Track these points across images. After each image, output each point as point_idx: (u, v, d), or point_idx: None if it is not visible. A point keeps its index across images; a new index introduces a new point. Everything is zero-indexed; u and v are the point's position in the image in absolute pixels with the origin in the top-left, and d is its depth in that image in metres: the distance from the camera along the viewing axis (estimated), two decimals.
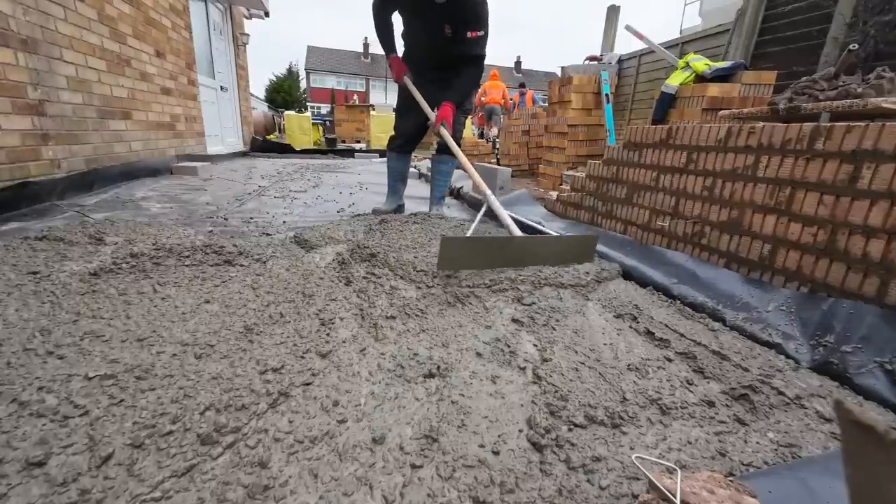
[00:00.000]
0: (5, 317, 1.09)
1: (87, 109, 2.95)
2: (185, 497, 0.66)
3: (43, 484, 0.65)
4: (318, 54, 38.21)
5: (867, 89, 1.89)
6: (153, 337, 1.07)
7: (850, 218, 1.24)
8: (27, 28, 2.36)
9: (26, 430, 0.74)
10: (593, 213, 2.40)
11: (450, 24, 2.32)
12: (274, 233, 2.21)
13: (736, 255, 1.59)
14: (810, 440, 0.87)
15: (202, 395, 0.87)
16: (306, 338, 1.13)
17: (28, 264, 1.44)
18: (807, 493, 0.68)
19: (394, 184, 2.89)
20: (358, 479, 0.72)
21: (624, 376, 1.07)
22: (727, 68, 3.41)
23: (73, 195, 2.73)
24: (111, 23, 3.25)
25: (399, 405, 0.91)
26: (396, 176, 2.87)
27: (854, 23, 4.00)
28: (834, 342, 1.16)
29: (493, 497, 0.70)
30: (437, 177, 2.87)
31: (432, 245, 2.04)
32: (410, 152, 2.87)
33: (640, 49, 6.73)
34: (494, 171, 3.24)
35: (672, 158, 1.86)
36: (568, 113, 4.01)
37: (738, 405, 0.98)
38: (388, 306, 1.35)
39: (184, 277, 1.46)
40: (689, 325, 1.38)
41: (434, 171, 2.91)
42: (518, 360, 1.11)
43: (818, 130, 1.33)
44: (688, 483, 0.61)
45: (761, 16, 4.98)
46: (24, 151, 2.37)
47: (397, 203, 2.92)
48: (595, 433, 0.86)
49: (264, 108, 17.37)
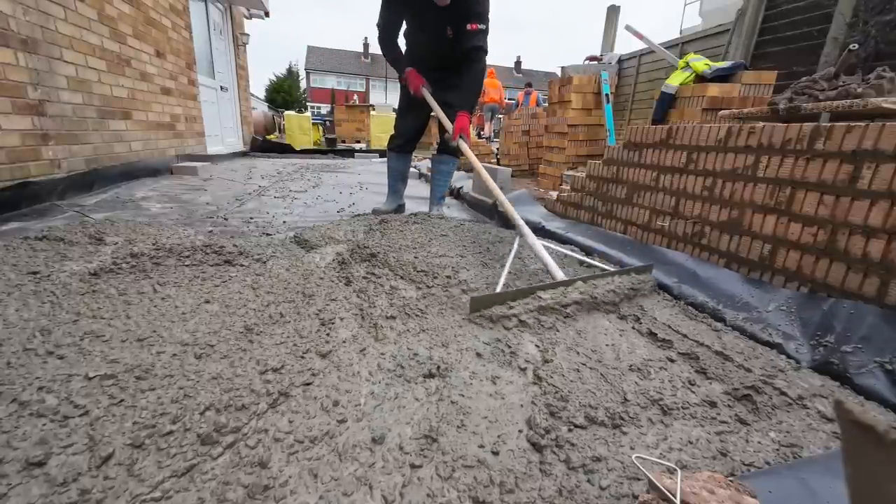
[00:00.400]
0: (5, 317, 1.09)
1: (87, 109, 2.95)
2: (186, 497, 0.66)
3: (43, 484, 0.65)
4: (318, 54, 38.21)
5: (867, 89, 1.89)
6: (153, 337, 1.07)
7: (850, 218, 1.24)
8: (27, 28, 2.36)
9: (26, 430, 0.74)
10: (593, 213, 2.40)
11: (452, 25, 2.31)
12: (274, 233, 2.21)
13: (736, 255, 1.59)
14: (812, 440, 0.87)
15: (202, 395, 0.87)
16: (306, 338, 1.13)
17: (28, 264, 1.44)
18: (807, 493, 0.68)
19: (394, 183, 2.89)
20: (358, 479, 0.72)
21: (625, 377, 1.07)
22: (727, 68, 3.41)
23: (74, 195, 2.73)
24: (111, 23, 3.25)
25: (399, 405, 0.91)
26: (397, 175, 2.86)
27: (854, 23, 4.00)
28: (834, 342, 1.16)
29: (492, 497, 0.70)
30: (437, 177, 2.86)
31: (432, 245, 2.04)
32: (411, 152, 2.86)
33: (640, 49, 6.73)
34: (494, 171, 3.23)
35: (672, 158, 1.86)
36: (568, 113, 4.01)
37: (741, 405, 0.98)
38: (388, 306, 1.35)
39: (184, 277, 1.46)
40: (693, 326, 1.38)
41: (434, 171, 2.89)
42: (519, 361, 1.11)
43: (818, 130, 1.33)
44: (688, 483, 0.61)
45: (761, 16, 4.98)
46: (25, 151, 2.37)
47: (397, 203, 2.92)
48: (595, 433, 0.86)
49: (264, 108, 17.37)
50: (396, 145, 2.78)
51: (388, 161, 2.86)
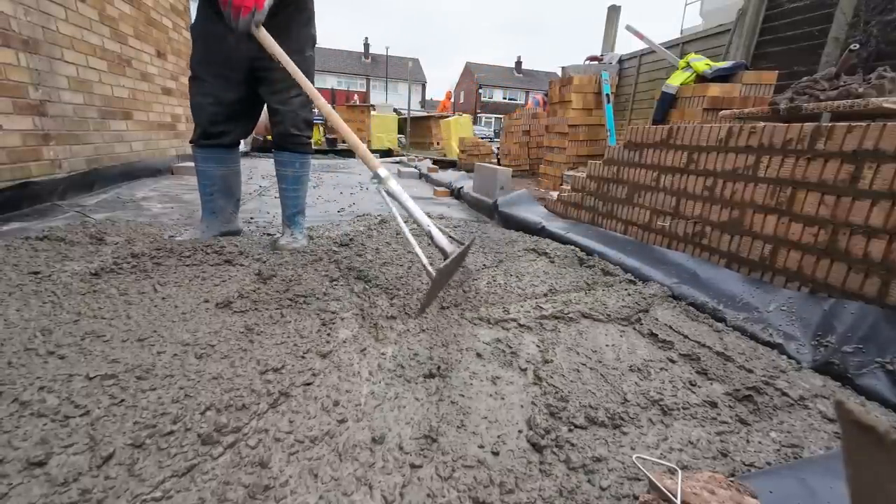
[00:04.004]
0: (6, 316, 1.09)
1: (88, 110, 2.95)
2: (186, 497, 0.66)
3: (44, 484, 0.65)
4: (319, 54, 37.86)
5: (868, 89, 1.89)
6: (154, 337, 1.07)
7: (851, 218, 1.24)
8: (28, 28, 2.36)
9: (27, 429, 0.74)
10: (594, 213, 2.40)
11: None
12: (274, 233, 2.21)
13: (737, 255, 1.58)
14: (813, 440, 0.87)
15: (203, 394, 0.87)
16: (307, 338, 1.13)
17: (29, 264, 1.44)
18: (807, 494, 0.68)
19: (208, 198, 1.87)
20: (358, 478, 0.72)
21: (626, 377, 1.07)
22: (728, 68, 3.40)
23: (74, 195, 2.73)
24: (112, 23, 3.26)
25: (399, 405, 0.91)
26: (208, 185, 1.85)
27: (856, 22, 4.00)
28: (835, 342, 1.16)
29: (492, 497, 0.70)
30: (282, 186, 1.94)
31: None
32: (232, 145, 1.87)
33: (640, 49, 6.72)
34: (495, 171, 3.22)
35: (673, 158, 1.86)
36: (568, 113, 4.01)
37: (742, 406, 0.97)
38: (388, 306, 1.35)
39: (184, 277, 1.47)
40: (694, 327, 1.37)
41: (277, 175, 1.94)
42: (520, 361, 1.11)
43: (819, 130, 1.33)
44: (688, 483, 0.61)
45: (762, 15, 4.97)
46: (25, 151, 2.37)
47: (221, 228, 1.92)
48: (595, 434, 0.86)
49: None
50: (198, 135, 1.79)
51: (195, 164, 1.87)
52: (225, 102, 1.74)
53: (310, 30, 1.80)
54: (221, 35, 1.60)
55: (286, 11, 1.65)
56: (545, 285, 1.63)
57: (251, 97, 1.79)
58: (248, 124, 1.90)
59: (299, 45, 1.72)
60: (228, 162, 1.87)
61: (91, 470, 0.68)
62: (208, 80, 1.71)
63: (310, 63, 1.80)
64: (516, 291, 1.56)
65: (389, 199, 1.42)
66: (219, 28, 1.57)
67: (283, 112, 1.78)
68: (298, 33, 1.73)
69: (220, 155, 1.83)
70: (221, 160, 1.84)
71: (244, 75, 1.72)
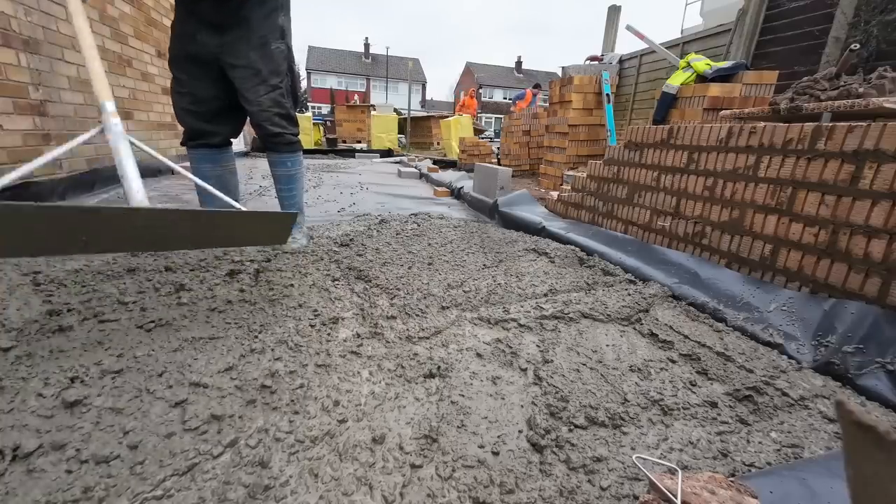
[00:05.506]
0: (6, 316, 1.09)
1: (89, 110, 2.95)
2: (186, 496, 0.66)
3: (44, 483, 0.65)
4: (319, 54, 38.23)
5: (869, 89, 1.89)
6: (153, 335, 1.07)
7: (851, 218, 1.24)
8: (29, 28, 2.36)
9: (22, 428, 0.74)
10: (594, 212, 2.40)
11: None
12: None
13: (737, 255, 1.58)
14: (813, 440, 0.87)
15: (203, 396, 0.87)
16: (307, 337, 1.13)
17: (30, 264, 1.44)
18: (808, 494, 0.68)
19: (206, 198, 1.83)
20: (358, 478, 0.72)
21: (626, 377, 1.06)
22: (728, 68, 3.40)
23: (75, 195, 2.73)
24: (113, 23, 3.26)
25: (399, 405, 0.91)
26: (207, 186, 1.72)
27: (856, 22, 3.99)
28: (835, 343, 1.16)
29: (492, 497, 0.70)
30: (279, 187, 1.96)
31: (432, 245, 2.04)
32: (223, 145, 1.89)
33: (641, 49, 6.72)
34: (495, 171, 3.22)
35: (673, 158, 1.86)
36: (569, 113, 4.01)
37: (742, 406, 0.97)
38: (388, 306, 1.35)
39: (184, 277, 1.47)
40: (694, 327, 1.37)
41: (272, 176, 1.97)
42: (520, 361, 1.11)
43: (819, 130, 1.33)
44: (688, 483, 0.61)
45: (762, 15, 4.97)
46: (26, 151, 2.37)
47: None
48: (596, 434, 0.86)
49: None
50: (188, 135, 1.81)
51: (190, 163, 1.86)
52: (202, 100, 1.74)
53: (275, 20, 1.72)
54: (191, 33, 1.63)
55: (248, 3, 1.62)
56: (545, 285, 1.63)
57: (230, 96, 1.76)
58: (235, 123, 1.89)
59: (262, 39, 1.68)
60: (222, 162, 1.89)
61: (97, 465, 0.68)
62: (183, 78, 1.72)
63: (277, 55, 1.73)
64: (516, 291, 1.56)
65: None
66: (188, 27, 1.62)
67: (255, 113, 1.75)
68: (261, 25, 1.67)
69: (212, 155, 1.86)
70: (215, 160, 1.86)
71: (217, 73, 1.71)
